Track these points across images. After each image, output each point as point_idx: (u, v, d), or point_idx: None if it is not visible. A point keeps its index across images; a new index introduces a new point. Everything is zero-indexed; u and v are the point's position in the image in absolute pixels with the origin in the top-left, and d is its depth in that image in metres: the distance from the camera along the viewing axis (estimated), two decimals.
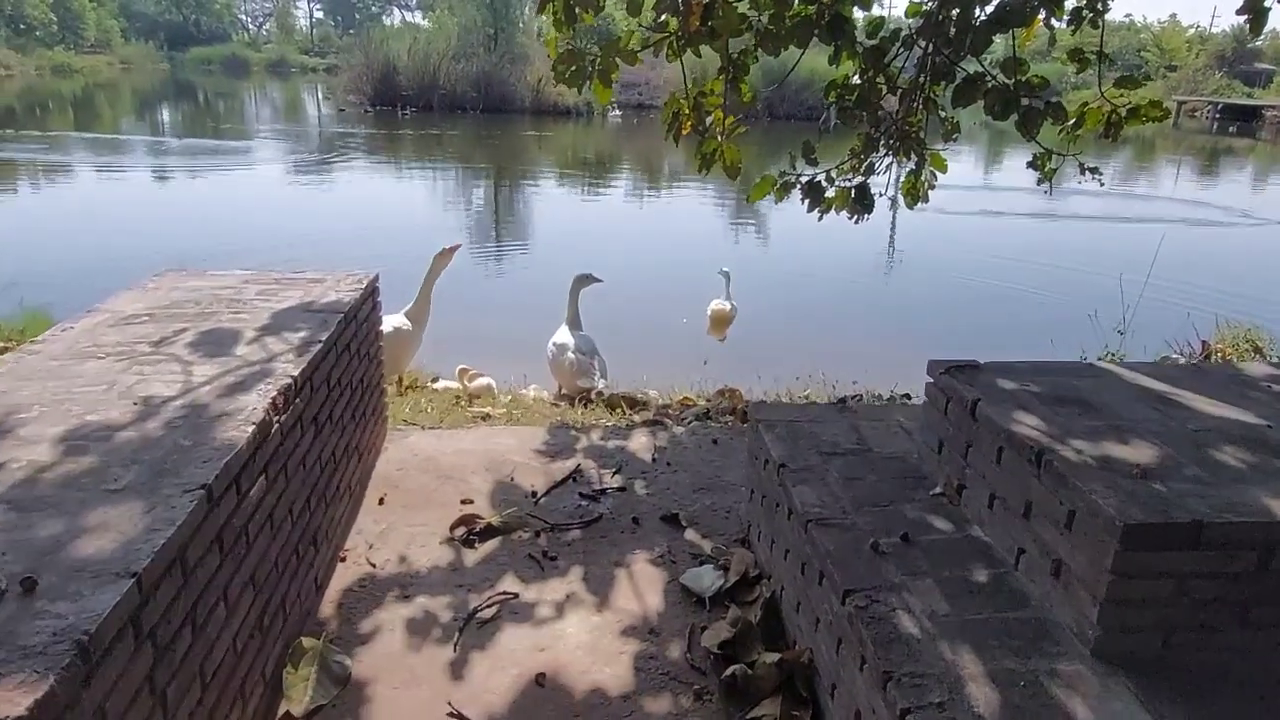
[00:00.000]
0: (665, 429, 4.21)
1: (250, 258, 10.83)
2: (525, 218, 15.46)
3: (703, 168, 4.77)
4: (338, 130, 26.63)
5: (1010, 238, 13.47)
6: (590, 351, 5.06)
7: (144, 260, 10.42)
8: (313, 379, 2.70)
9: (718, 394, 5.25)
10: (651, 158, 24.27)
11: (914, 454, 2.81)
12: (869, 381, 6.60)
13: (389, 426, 4.04)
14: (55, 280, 9.13)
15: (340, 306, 3.20)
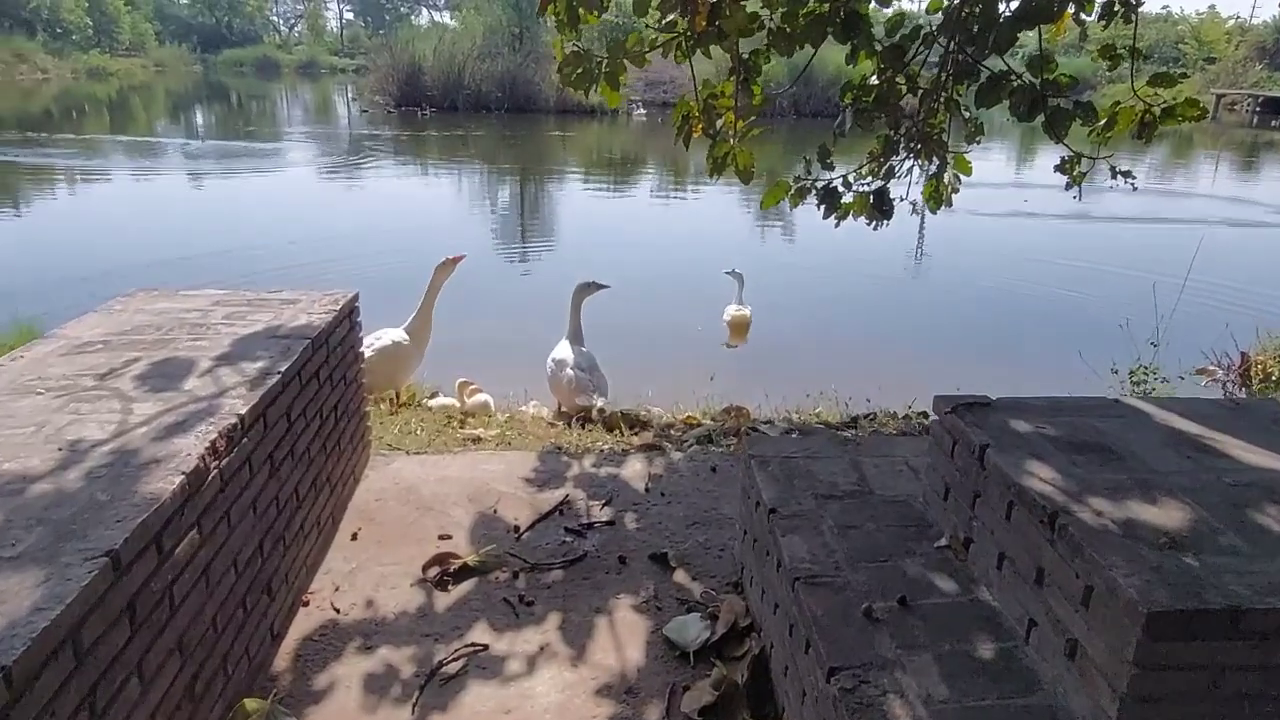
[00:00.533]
0: (663, 454, 3.98)
1: (271, 259, 10.82)
2: (548, 218, 15.31)
3: (714, 172, 4.63)
4: (363, 132, 26.70)
5: (1040, 240, 13.04)
6: (590, 368, 4.85)
7: (167, 264, 10.49)
8: (267, 414, 2.51)
9: (724, 412, 5.02)
10: (676, 157, 24.01)
11: (919, 498, 2.56)
12: (885, 396, 6.32)
13: (373, 451, 3.86)
14: (68, 286, 9.14)
15: (308, 331, 3.01)
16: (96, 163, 18.36)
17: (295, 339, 2.94)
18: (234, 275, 10.16)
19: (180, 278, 10.02)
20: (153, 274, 9.87)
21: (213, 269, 10.30)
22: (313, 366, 2.97)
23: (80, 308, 3.29)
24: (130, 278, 9.98)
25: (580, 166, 21.31)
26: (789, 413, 5.37)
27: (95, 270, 10.01)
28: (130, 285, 3.49)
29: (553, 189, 18.30)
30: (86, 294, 9.22)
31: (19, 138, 21.59)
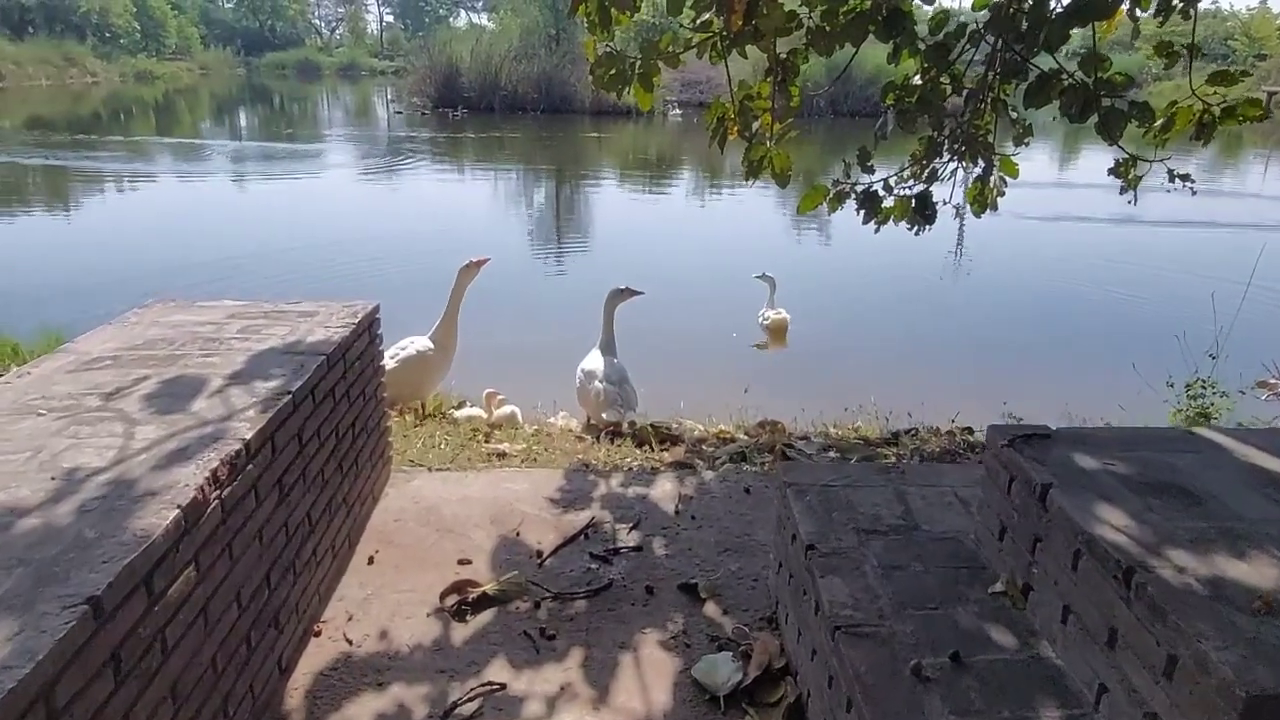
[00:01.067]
0: (694, 473, 3.81)
1: (307, 261, 10.86)
2: (582, 220, 15.22)
3: (750, 175, 4.44)
4: (401, 134, 26.87)
5: (1087, 244, 12.57)
6: (620, 380, 4.69)
7: (205, 266, 10.56)
8: (275, 438, 2.39)
9: (759, 426, 4.83)
10: (711, 158, 23.79)
11: (970, 535, 2.36)
12: (927, 409, 6.08)
13: (394, 468, 3.74)
14: (105, 290, 9.22)
15: (324, 346, 2.89)
16: (140, 166, 18.66)
17: (310, 355, 2.82)
18: (269, 278, 10.22)
19: (218, 279, 10.11)
20: (191, 276, 10.02)
21: (249, 271, 10.37)
22: (328, 384, 2.85)
23: (115, 312, 3.23)
24: (170, 279, 10.12)
25: (615, 167, 21.20)
26: (825, 426, 5.17)
27: (137, 272, 10.16)
28: (171, 287, 3.41)
29: (588, 190, 18.21)
30: (123, 297, 9.35)
31: (68, 140, 22.10)
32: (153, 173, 17.98)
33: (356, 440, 3.17)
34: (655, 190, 18.73)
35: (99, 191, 15.87)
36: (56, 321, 6.38)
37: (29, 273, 9.95)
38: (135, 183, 16.63)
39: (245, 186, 17.23)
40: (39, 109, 31.52)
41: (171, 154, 21.11)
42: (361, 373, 3.23)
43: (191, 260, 10.77)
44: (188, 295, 3.49)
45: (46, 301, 8.33)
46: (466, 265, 5.06)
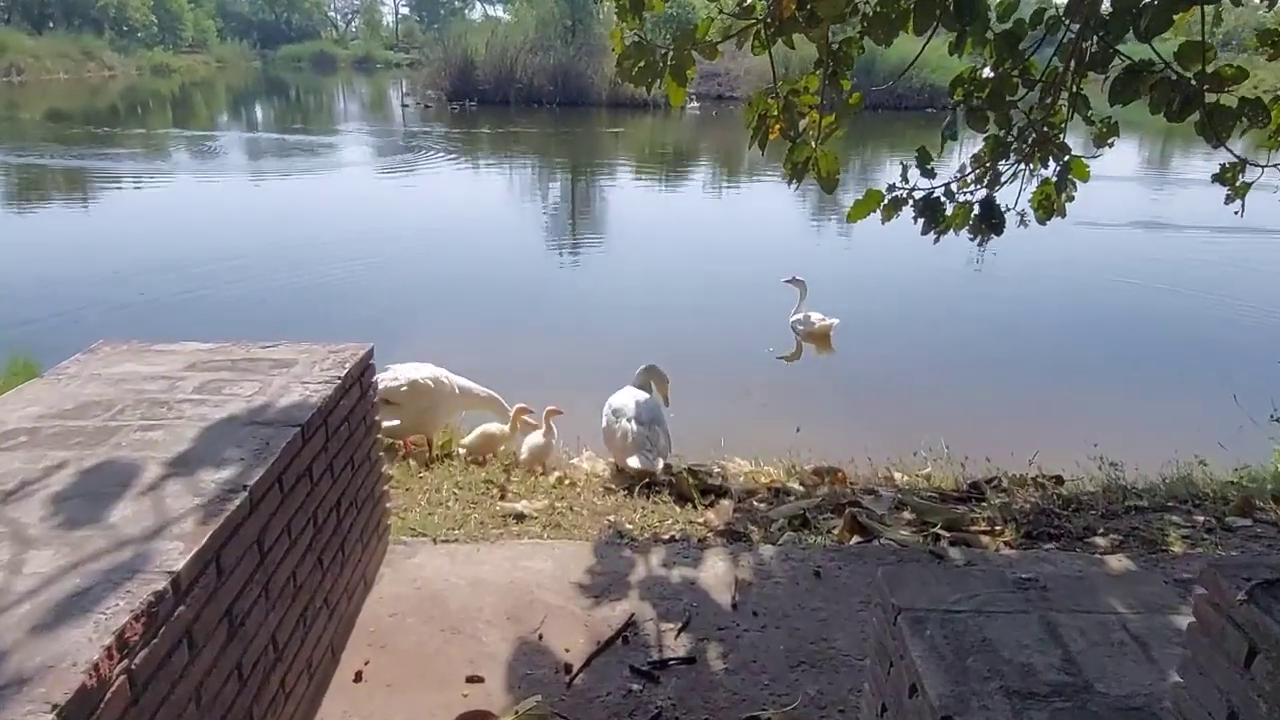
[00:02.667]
0: (749, 546, 3.19)
1: (317, 258, 10.33)
2: (601, 220, 14.60)
3: (793, 179, 3.91)
4: (413, 129, 26.32)
5: (1173, 255, 11.51)
6: (650, 421, 4.06)
7: (218, 262, 10.12)
8: (224, 555, 1.79)
9: (814, 474, 4.21)
10: (731, 153, 23.16)
11: (1164, 704, 1.72)
12: (998, 443, 5.43)
13: (392, 538, 3.15)
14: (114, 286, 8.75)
15: (298, 413, 2.29)
16: (153, 162, 18.18)
17: (280, 426, 2.21)
18: (279, 278, 9.74)
19: (228, 277, 9.65)
20: (203, 273, 9.66)
21: (252, 270, 9.87)
22: (303, 462, 2.25)
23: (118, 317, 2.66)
24: (180, 277, 9.69)
25: (633, 163, 20.55)
26: (888, 469, 4.54)
27: (148, 266, 9.83)
28: (178, 287, 2.80)
29: (604, 188, 17.58)
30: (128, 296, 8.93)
31: (84, 134, 21.79)
32: (164, 169, 17.49)
33: (343, 522, 2.58)
34: (674, 186, 18.10)
35: (114, 188, 15.36)
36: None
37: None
38: (148, 180, 16.12)
39: (256, 184, 16.75)
40: (57, 102, 31.34)
41: (185, 148, 20.70)
42: (350, 437, 2.63)
43: (189, 258, 10.24)
44: (186, 295, 2.92)
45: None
46: (517, 410, 4.68)
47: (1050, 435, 5.83)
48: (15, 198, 14.53)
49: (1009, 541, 3.31)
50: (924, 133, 23.90)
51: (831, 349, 7.96)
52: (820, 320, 7.95)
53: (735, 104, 30.80)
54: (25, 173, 16.09)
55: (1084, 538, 3.42)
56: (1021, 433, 5.94)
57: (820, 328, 7.94)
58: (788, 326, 8.20)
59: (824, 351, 7.96)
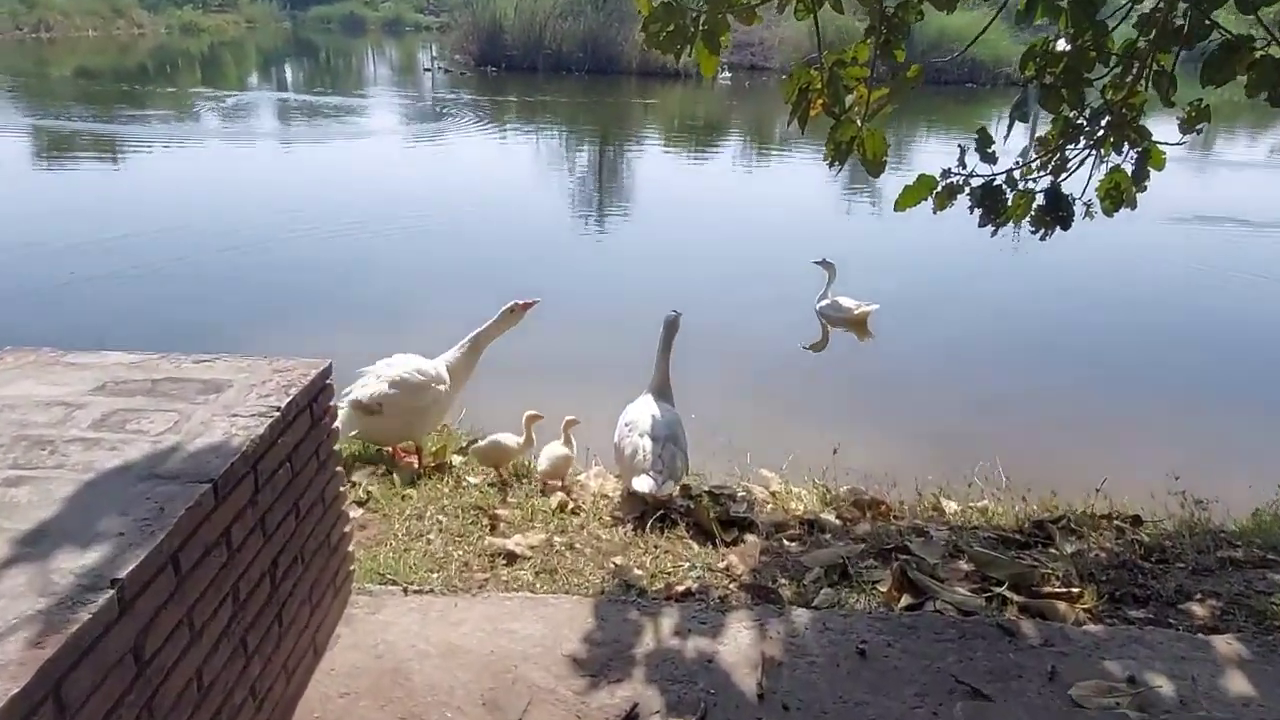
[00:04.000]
0: (780, 610, 2.67)
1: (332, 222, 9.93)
2: (627, 195, 14.03)
3: (835, 160, 3.46)
4: (441, 94, 25.75)
5: (1250, 255, 10.48)
6: (666, 438, 3.53)
7: (239, 225, 9.80)
8: (65, 687, 1.30)
9: (853, 504, 3.67)
10: (763, 126, 22.41)
11: None
12: (1057, 463, 4.89)
13: (356, 586, 2.66)
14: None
15: (212, 464, 1.79)
16: (182, 124, 17.81)
17: (185, 482, 1.72)
18: (296, 241, 9.36)
19: (250, 237, 9.29)
20: (225, 232, 9.38)
21: (263, 237, 9.49)
22: (216, 527, 1.75)
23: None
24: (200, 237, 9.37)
25: (663, 135, 19.86)
26: (936, 495, 4.00)
27: (172, 224, 9.63)
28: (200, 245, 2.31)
29: (634, 162, 16.95)
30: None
31: (114, 91, 21.58)
32: (189, 133, 17.12)
33: (281, 586, 2.09)
34: (703, 159, 17.43)
35: (143, 151, 14.97)
36: None
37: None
38: (178, 143, 15.73)
39: (286, 149, 16.35)
40: (86, 60, 31.18)
41: (211, 109, 20.33)
42: (294, 480, 2.13)
43: (225, 220, 9.86)
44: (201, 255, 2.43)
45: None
46: (511, 307, 4.09)
47: (1117, 454, 5.25)
48: (42, 159, 14.20)
49: (1090, 610, 2.76)
50: (964, 109, 22.95)
51: (870, 335, 7.50)
52: (857, 306, 7.48)
53: (768, 75, 29.88)
54: (53, 134, 15.77)
55: (1176, 603, 2.88)
56: (1083, 448, 5.39)
57: (859, 314, 7.47)
58: (813, 312, 7.75)
59: (863, 338, 7.51)
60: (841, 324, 7.60)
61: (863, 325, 7.54)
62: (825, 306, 7.65)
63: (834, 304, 7.58)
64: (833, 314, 7.60)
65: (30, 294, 7.55)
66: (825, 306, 7.65)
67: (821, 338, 7.59)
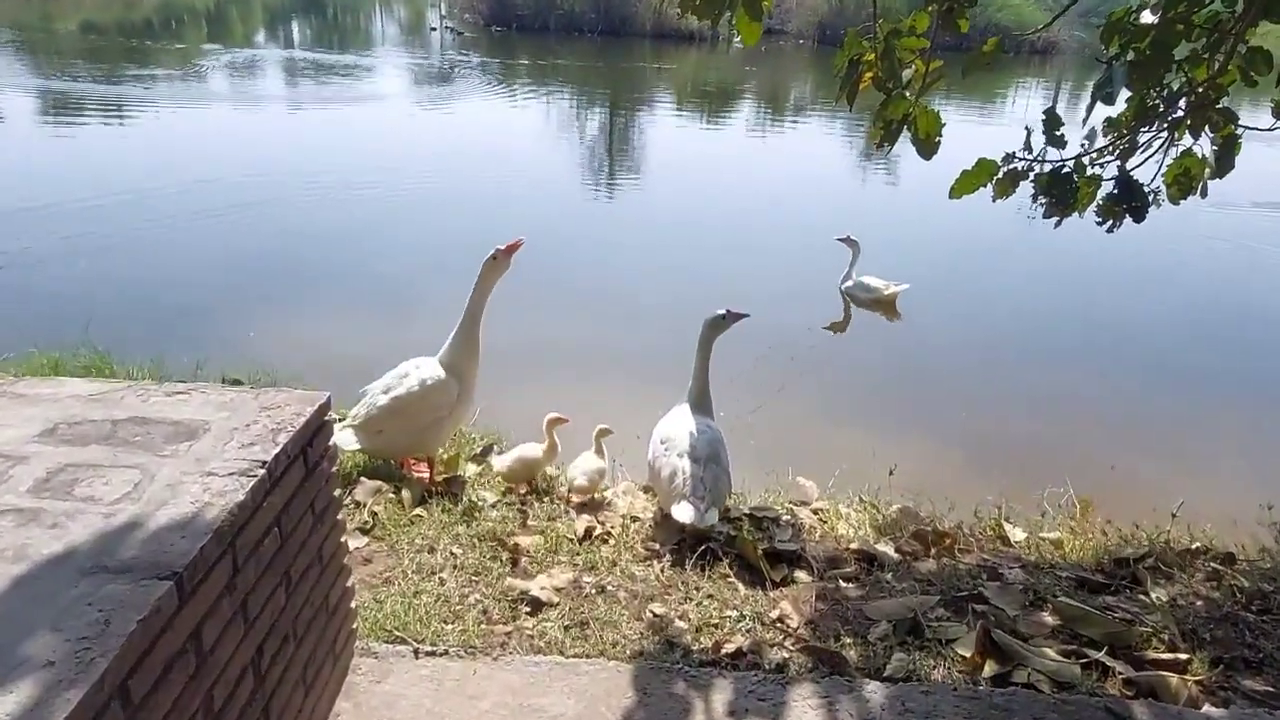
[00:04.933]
0: (847, 681, 2.30)
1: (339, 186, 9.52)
2: (639, 163, 13.52)
3: (884, 141, 3.16)
4: (450, 56, 25.07)
5: None
6: (707, 458, 3.15)
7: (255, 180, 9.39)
8: None
9: (912, 534, 3.30)
10: (779, 92, 21.80)
11: None
12: (1125, 478, 4.52)
13: (359, 646, 2.31)
14: None
15: (178, 550, 1.42)
16: (192, 86, 17.29)
17: (141, 580, 1.35)
18: (295, 209, 8.97)
19: (250, 203, 8.93)
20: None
21: (281, 197, 9.10)
22: (179, 634, 1.38)
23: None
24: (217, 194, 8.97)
25: (676, 101, 19.25)
26: (997, 519, 3.62)
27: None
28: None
29: (646, 128, 16.40)
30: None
31: (120, 47, 21.06)
32: (196, 93, 16.60)
33: (269, 674, 1.72)
34: (717, 126, 16.88)
35: (149, 111, 14.49)
36: None
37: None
38: (186, 104, 15.22)
39: (293, 111, 15.83)
40: (91, 14, 30.56)
41: (218, 68, 19.78)
42: (284, 545, 1.76)
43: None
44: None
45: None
46: (492, 256, 3.57)
47: (1189, 468, 4.89)
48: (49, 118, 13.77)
49: (1202, 683, 2.40)
50: (984, 77, 22.14)
51: (899, 315, 7.25)
52: (886, 286, 7.23)
53: (785, 39, 29.09)
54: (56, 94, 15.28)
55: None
56: (1149, 459, 5.00)
57: (889, 294, 7.23)
58: (836, 291, 7.50)
59: (892, 319, 7.25)
60: (869, 304, 7.34)
61: (892, 306, 7.30)
62: (851, 286, 7.39)
63: (861, 284, 7.32)
64: (860, 294, 7.34)
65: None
66: (851, 286, 7.39)
67: (844, 318, 7.34)
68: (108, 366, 4.16)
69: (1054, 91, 25.09)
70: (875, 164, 13.15)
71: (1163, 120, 3.31)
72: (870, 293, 7.26)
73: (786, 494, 3.88)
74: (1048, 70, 28.18)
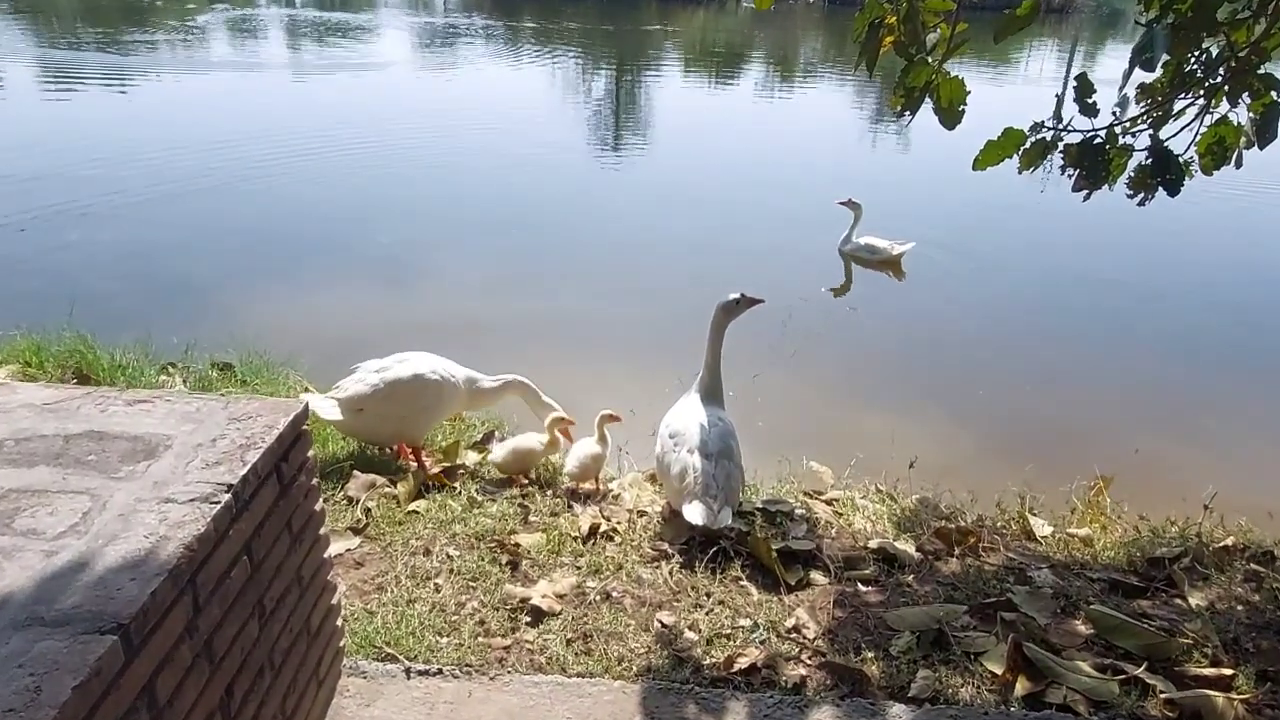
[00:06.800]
0: (870, 703, 2.15)
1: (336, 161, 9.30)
2: (646, 127, 13.22)
3: (906, 108, 3.00)
4: (453, 18, 24.56)
5: None
6: (719, 453, 2.97)
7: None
8: None
9: (936, 536, 3.12)
10: (788, 54, 21.32)
11: None
12: (1144, 465, 4.35)
13: (347, 664, 2.16)
14: None
15: (126, 597, 1.25)
16: (195, 51, 16.95)
17: (81, 635, 1.18)
18: (294, 177, 8.79)
19: (249, 173, 8.73)
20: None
21: (278, 166, 8.88)
22: (126, 695, 1.22)
23: None
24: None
25: (684, 64, 18.83)
26: (1022, 511, 3.46)
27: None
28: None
29: (653, 92, 16.04)
30: None
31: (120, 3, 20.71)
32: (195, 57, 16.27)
33: (243, 710, 1.57)
34: (725, 89, 16.50)
35: (151, 78, 14.21)
36: None
37: None
38: (191, 71, 14.92)
39: (298, 80, 15.49)
40: None
41: (218, 26, 19.41)
42: (255, 574, 1.59)
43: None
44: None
45: None
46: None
47: (1214, 450, 4.70)
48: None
49: (1249, 702, 2.23)
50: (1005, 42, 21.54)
51: (905, 275, 7.29)
52: (891, 245, 7.25)
53: (796, 0, 28.45)
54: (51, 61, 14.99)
55: None
56: (1171, 441, 4.82)
57: (895, 254, 7.26)
58: (837, 254, 7.50)
59: (899, 278, 7.27)
60: (874, 265, 7.37)
61: (898, 266, 7.33)
62: (856, 248, 7.40)
63: (867, 245, 7.34)
64: (866, 255, 7.36)
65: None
66: (856, 248, 7.40)
67: (845, 281, 7.30)
68: (90, 351, 3.99)
69: (1069, 54, 24.52)
70: (885, 129, 12.89)
71: (1199, 86, 3.13)
72: (876, 253, 7.29)
73: (800, 482, 3.73)
74: (1063, 30, 27.53)
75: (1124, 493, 3.69)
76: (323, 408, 3.32)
